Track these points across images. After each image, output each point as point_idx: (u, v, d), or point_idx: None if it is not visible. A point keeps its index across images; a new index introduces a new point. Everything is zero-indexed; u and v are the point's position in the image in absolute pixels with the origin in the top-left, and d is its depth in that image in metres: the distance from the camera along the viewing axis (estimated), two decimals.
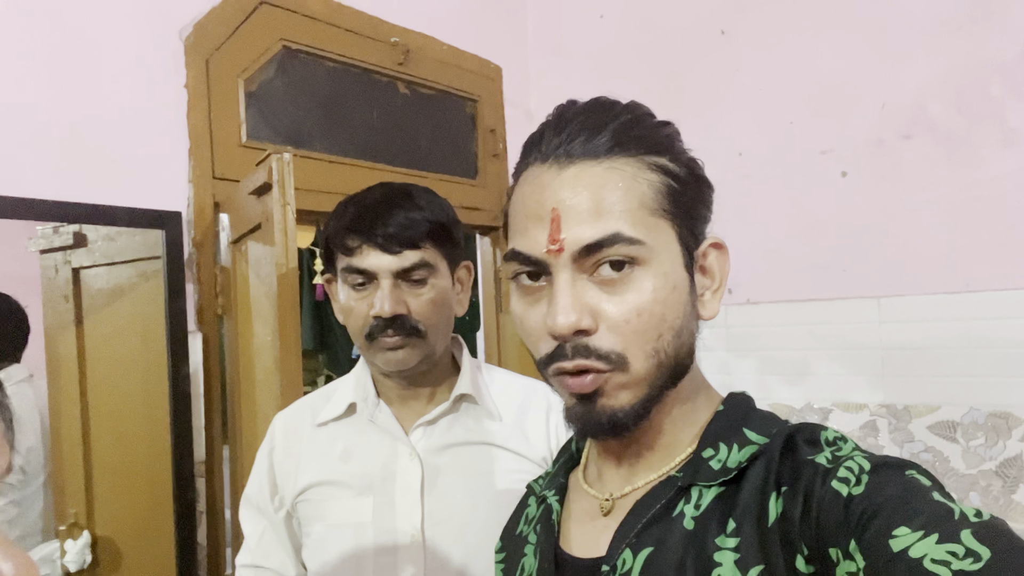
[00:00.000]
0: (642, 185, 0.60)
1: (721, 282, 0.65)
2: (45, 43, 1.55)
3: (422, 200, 1.10)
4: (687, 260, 0.62)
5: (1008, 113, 1.81)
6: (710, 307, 0.65)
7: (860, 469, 0.53)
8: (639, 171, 0.61)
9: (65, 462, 1.69)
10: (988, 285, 1.84)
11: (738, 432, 0.63)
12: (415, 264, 1.06)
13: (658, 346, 0.60)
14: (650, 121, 0.64)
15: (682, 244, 0.62)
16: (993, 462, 1.83)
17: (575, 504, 0.72)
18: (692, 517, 0.60)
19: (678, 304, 0.61)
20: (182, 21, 1.77)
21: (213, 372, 1.78)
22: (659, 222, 0.60)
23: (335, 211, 1.12)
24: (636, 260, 0.59)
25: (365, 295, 1.07)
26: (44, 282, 1.70)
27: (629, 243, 0.58)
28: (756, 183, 2.20)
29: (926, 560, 0.45)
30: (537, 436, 1.14)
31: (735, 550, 0.56)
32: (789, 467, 0.57)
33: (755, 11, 2.22)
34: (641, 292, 0.59)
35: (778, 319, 2.17)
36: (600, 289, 0.59)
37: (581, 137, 0.61)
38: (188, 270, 1.73)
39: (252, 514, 1.19)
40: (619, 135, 0.61)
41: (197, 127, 1.77)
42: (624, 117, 0.63)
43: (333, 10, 2.09)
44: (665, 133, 0.64)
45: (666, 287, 0.60)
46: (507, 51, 2.66)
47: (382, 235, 1.04)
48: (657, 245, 0.60)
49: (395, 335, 1.05)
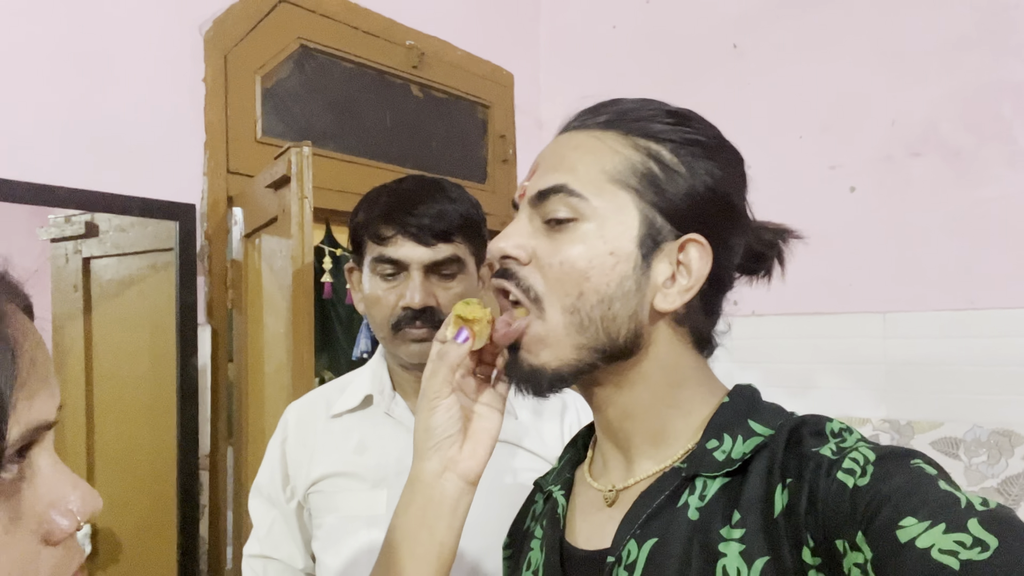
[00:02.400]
0: (614, 156, 0.63)
1: (695, 283, 0.62)
2: (66, 34, 1.56)
3: (454, 193, 1.12)
4: (645, 239, 0.61)
5: (1017, 133, 1.83)
6: (669, 300, 0.62)
7: (865, 460, 0.52)
8: (620, 145, 0.64)
9: (68, 452, 1.68)
10: (993, 303, 1.85)
11: (743, 424, 0.63)
12: (447, 258, 1.08)
13: (578, 304, 0.61)
14: (662, 112, 0.66)
15: (644, 222, 0.62)
16: (995, 479, 1.84)
17: (580, 497, 0.71)
18: (697, 508, 0.59)
19: (611, 272, 0.61)
20: (202, 16, 1.78)
21: (221, 366, 1.77)
22: (618, 192, 0.62)
23: (365, 200, 1.12)
24: (579, 216, 0.62)
25: (394, 285, 1.08)
26: (54, 271, 1.70)
27: (569, 194, 0.62)
28: (764, 197, 2.19)
29: (933, 550, 0.45)
30: (552, 435, 1.14)
31: (740, 541, 0.56)
32: (794, 459, 0.57)
33: (767, 26, 2.24)
34: (572, 244, 0.62)
35: (783, 332, 2.18)
36: (545, 234, 0.64)
37: (604, 110, 0.67)
38: (200, 263, 1.74)
39: (262, 504, 1.18)
40: (622, 115, 0.65)
41: (213, 121, 1.78)
42: (647, 110, 0.66)
43: (350, 11, 2.10)
44: (676, 129, 0.64)
45: (600, 250, 0.61)
46: (520, 59, 2.67)
47: (416, 225, 1.05)
48: (605, 209, 0.62)
49: (423, 327, 1.06)
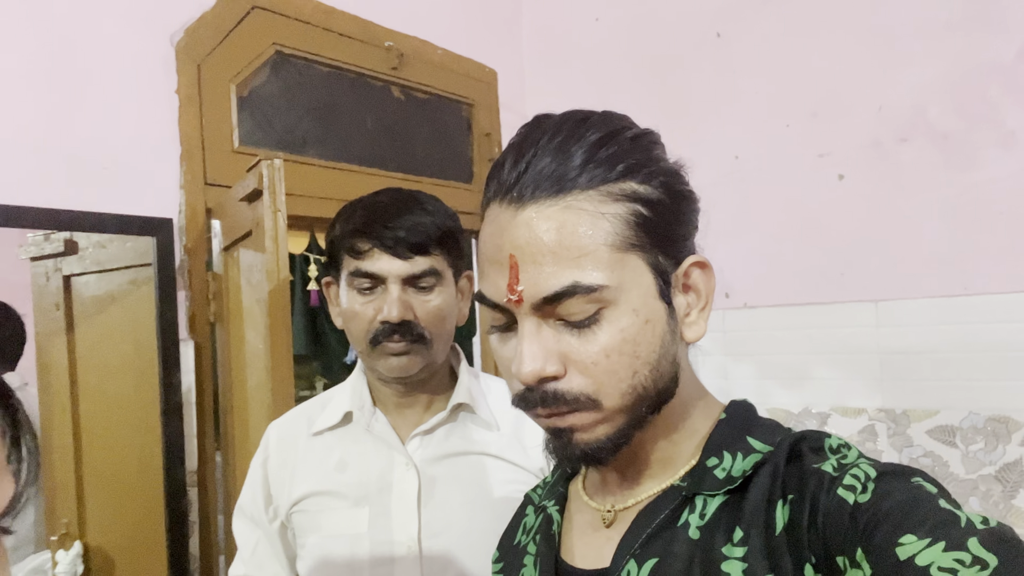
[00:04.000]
0: (604, 222, 0.57)
1: (707, 300, 0.63)
2: (36, 50, 1.53)
3: (430, 205, 1.10)
4: (662, 287, 0.59)
5: (1006, 115, 1.80)
6: (696, 328, 0.62)
7: (866, 477, 0.53)
8: (601, 205, 0.57)
9: (56, 471, 1.67)
10: (986, 288, 1.83)
11: (741, 441, 0.62)
12: (424, 271, 1.06)
13: (634, 383, 0.58)
14: (622, 137, 0.60)
15: (655, 273, 0.59)
16: (993, 467, 1.82)
17: (576, 515, 0.71)
18: (697, 527, 0.59)
19: (653, 338, 0.58)
20: (173, 26, 1.75)
21: (206, 380, 1.76)
22: (626, 257, 0.57)
23: (341, 214, 1.11)
24: (602, 303, 0.57)
25: (371, 299, 1.06)
26: (35, 289, 1.69)
27: (588, 291, 0.56)
28: (753, 186, 2.19)
29: (933, 568, 0.45)
30: (534, 446, 1.13)
31: (743, 559, 0.55)
32: (795, 475, 0.57)
33: (751, 14, 2.21)
34: (611, 332, 0.57)
35: (776, 323, 2.16)
36: (568, 332, 0.58)
37: (541, 165, 0.58)
38: (180, 277, 1.72)
39: (246, 525, 1.17)
40: (584, 161, 0.57)
41: (189, 133, 1.75)
42: (592, 137, 0.58)
43: (326, 14, 2.07)
44: (638, 148, 0.60)
45: (637, 324, 0.57)
46: (502, 55, 2.64)
47: (393, 239, 1.04)
48: (624, 283, 0.57)
49: (401, 340, 1.05)
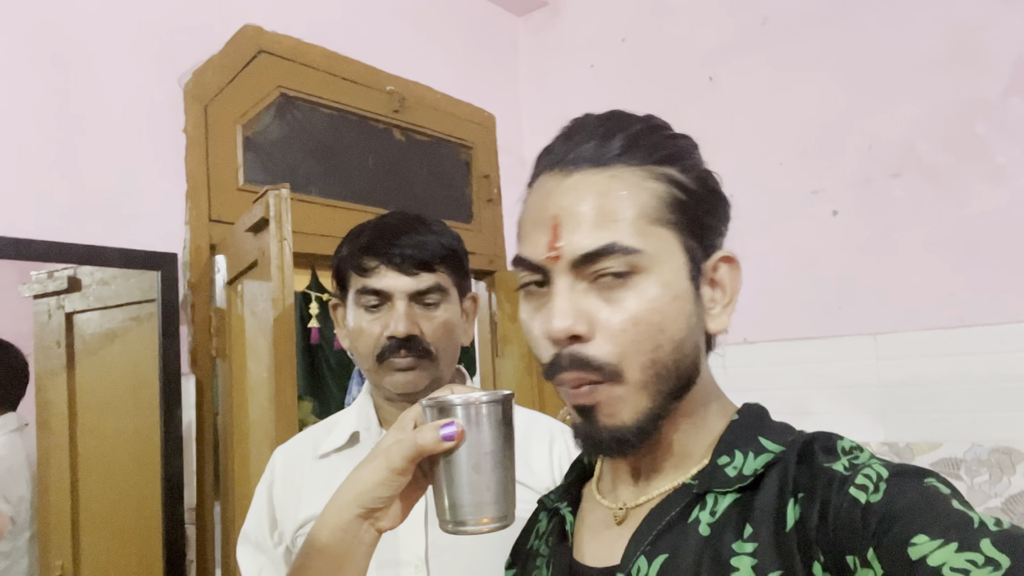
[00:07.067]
0: (644, 194, 0.60)
1: (732, 297, 0.64)
2: (45, 86, 1.57)
3: (436, 226, 1.14)
4: (693, 271, 0.61)
5: (993, 150, 1.85)
6: (719, 321, 0.64)
7: (878, 476, 0.53)
8: (643, 180, 0.60)
9: (52, 511, 1.64)
10: (984, 320, 1.84)
11: (754, 440, 0.62)
12: (430, 287, 1.08)
13: (656, 357, 0.59)
14: (663, 132, 0.64)
15: (687, 254, 0.61)
16: (999, 499, 1.80)
17: (588, 515, 0.71)
18: (708, 523, 0.59)
19: (680, 315, 0.60)
20: (182, 68, 1.80)
21: (206, 417, 1.75)
22: (661, 231, 0.60)
23: (349, 235, 1.14)
24: (635, 269, 0.58)
25: (378, 316, 1.08)
26: (37, 327, 1.68)
27: (625, 252, 0.58)
28: (748, 224, 2.19)
29: (945, 568, 0.45)
30: (541, 466, 1.12)
31: (752, 555, 0.55)
32: (806, 474, 0.57)
33: (741, 57, 2.28)
34: (640, 301, 0.58)
35: (775, 358, 2.16)
36: (599, 296, 0.59)
37: (589, 144, 0.61)
38: (183, 312, 1.72)
39: (250, 551, 1.16)
40: (627, 144, 0.61)
41: (195, 171, 1.78)
42: (636, 127, 0.63)
43: (330, 59, 2.13)
44: (678, 144, 0.64)
45: (666, 296, 0.59)
46: (501, 100, 2.71)
47: (399, 255, 1.06)
48: (658, 254, 0.59)
49: (407, 356, 1.06)
